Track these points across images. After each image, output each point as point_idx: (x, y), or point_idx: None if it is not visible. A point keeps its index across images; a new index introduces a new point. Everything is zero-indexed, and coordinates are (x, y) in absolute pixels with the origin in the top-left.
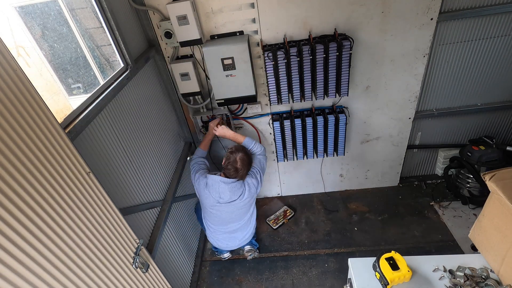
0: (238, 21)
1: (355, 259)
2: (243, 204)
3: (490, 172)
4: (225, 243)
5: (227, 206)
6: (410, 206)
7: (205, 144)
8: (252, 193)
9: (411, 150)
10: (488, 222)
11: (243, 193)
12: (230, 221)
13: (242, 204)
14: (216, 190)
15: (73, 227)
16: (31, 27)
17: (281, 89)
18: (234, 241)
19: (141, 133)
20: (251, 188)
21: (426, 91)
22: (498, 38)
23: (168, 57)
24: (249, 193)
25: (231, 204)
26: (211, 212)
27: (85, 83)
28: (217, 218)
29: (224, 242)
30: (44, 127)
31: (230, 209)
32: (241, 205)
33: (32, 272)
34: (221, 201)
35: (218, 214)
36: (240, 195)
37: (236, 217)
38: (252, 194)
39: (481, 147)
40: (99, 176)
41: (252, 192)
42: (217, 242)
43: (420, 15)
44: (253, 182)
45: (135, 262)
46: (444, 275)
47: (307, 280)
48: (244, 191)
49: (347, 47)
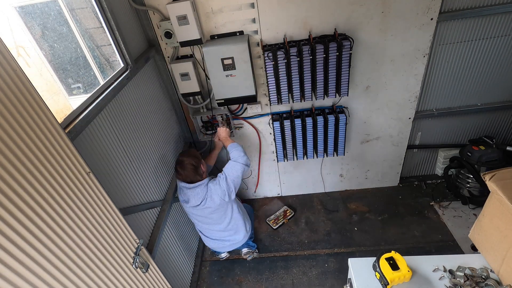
0: (238, 21)
1: (355, 259)
2: (211, 210)
3: (490, 172)
4: (216, 244)
5: (196, 209)
6: (410, 206)
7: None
8: (216, 202)
9: (411, 150)
10: (488, 222)
11: (205, 200)
12: (209, 223)
13: (209, 211)
14: (181, 194)
15: (73, 227)
16: (31, 27)
17: (281, 89)
18: (224, 243)
19: (141, 133)
20: (213, 196)
21: (426, 91)
22: (498, 38)
23: (168, 57)
24: (211, 201)
25: (198, 209)
26: (187, 212)
27: (85, 83)
28: (196, 221)
29: (215, 243)
30: (44, 127)
31: (201, 213)
32: (208, 211)
33: (32, 272)
34: (186, 205)
35: (193, 216)
36: (202, 201)
37: (212, 221)
38: (217, 202)
39: (481, 147)
40: (99, 176)
41: (215, 201)
42: (208, 243)
43: (420, 15)
44: (215, 189)
45: (135, 262)
46: (444, 275)
47: (307, 280)
48: (206, 197)
49: (347, 47)
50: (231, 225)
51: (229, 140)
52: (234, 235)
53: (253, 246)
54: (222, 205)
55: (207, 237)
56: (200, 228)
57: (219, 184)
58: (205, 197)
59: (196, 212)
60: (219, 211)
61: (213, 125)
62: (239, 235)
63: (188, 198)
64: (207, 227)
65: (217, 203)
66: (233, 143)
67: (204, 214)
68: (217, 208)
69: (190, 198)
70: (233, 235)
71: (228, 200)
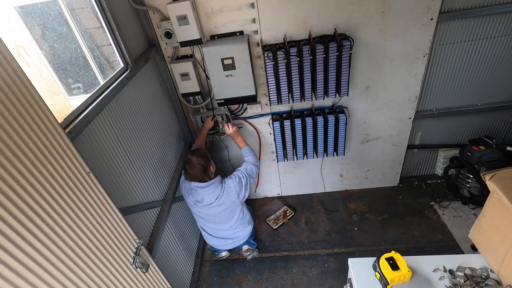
0: (238, 21)
1: (355, 259)
2: (223, 208)
3: (490, 172)
4: (218, 242)
5: (207, 208)
6: (410, 206)
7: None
8: (232, 198)
9: (411, 150)
10: (488, 222)
11: (220, 196)
12: (216, 222)
13: (221, 209)
14: (193, 194)
15: (73, 227)
16: (31, 27)
17: (281, 89)
18: (227, 241)
19: (141, 133)
20: (231, 192)
21: (426, 91)
22: (498, 38)
23: (168, 57)
24: (227, 197)
25: (210, 207)
26: (194, 212)
27: (85, 83)
28: (201, 220)
29: (217, 241)
30: (44, 127)
31: (211, 212)
32: (220, 209)
33: (32, 272)
34: (199, 204)
35: (201, 215)
36: (217, 198)
37: (220, 220)
38: (232, 199)
39: (481, 147)
40: (99, 176)
41: (231, 196)
42: (211, 241)
43: (420, 15)
44: (234, 185)
45: (135, 262)
46: (444, 275)
47: (307, 280)
48: (222, 193)
49: (347, 47)
50: (237, 223)
51: (241, 140)
52: (238, 233)
53: (254, 244)
54: (234, 203)
55: (210, 235)
56: (203, 226)
57: (239, 180)
58: (221, 194)
59: (207, 211)
60: (229, 210)
61: (213, 125)
62: (243, 232)
63: (202, 198)
64: (213, 226)
65: (232, 200)
66: (247, 146)
67: (214, 213)
68: (229, 206)
69: (204, 197)
70: (237, 233)
71: (241, 199)
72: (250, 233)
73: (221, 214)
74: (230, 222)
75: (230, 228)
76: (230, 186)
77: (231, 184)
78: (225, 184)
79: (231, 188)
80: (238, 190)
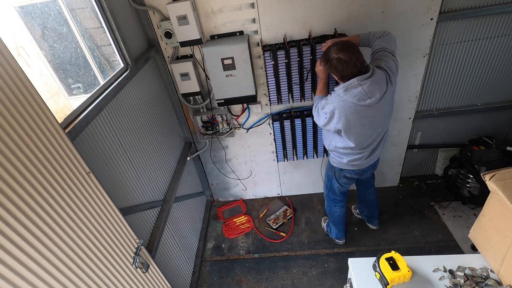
0: (238, 21)
1: (355, 259)
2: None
3: (490, 172)
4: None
5: (377, 109)
6: (410, 206)
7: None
8: (394, 80)
9: (411, 150)
10: (488, 222)
11: (389, 82)
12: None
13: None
14: (359, 94)
15: (73, 227)
16: (31, 27)
17: (281, 89)
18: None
19: (141, 133)
20: (392, 70)
21: (426, 91)
22: (498, 38)
23: (168, 57)
24: (394, 77)
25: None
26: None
27: (85, 83)
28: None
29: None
30: (44, 127)
31: (374, 112)
32: (385, 102)
33: (32, 272)
34: (372, 102)
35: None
36: (387, 84)
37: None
38: (394, 81)
39: (481, 147)
40: (99, 176)
41: (394, 76)
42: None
43: (420, 15)
44: (392, 65)
45: (135, 262)
46: (444, 275)
47: (307, 280)
48: (388, 78)
49: None
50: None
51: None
52: (379, 149)
53: None
54: (393, 91)
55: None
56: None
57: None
58: (387, 79)
59: (372, 112)
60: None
61: (213, 125)
62: (379, 151)
63: (373, 92)
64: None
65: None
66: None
67: (377, 113)
68: (390, 94)
69: (375, 91)
70: (378, 148)
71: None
72: None
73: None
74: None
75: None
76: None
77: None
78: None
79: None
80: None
